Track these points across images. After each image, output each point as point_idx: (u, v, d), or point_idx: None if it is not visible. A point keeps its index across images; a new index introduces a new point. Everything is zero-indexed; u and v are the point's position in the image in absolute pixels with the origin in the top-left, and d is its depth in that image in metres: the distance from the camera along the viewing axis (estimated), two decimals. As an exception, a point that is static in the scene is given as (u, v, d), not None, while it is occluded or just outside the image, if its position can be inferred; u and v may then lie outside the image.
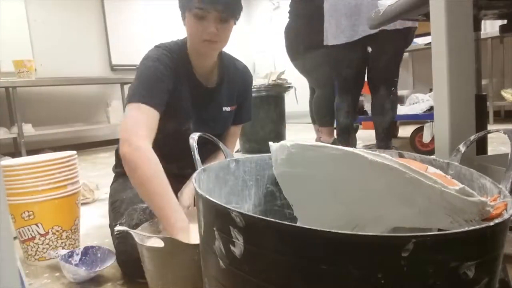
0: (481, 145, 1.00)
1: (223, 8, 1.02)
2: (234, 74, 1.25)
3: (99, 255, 1.09)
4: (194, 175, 0.60)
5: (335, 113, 2.22)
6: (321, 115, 2.76)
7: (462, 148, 0.68)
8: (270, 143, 0.74)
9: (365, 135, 3.48)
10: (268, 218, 0.41)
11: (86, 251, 1.09)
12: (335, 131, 3.03)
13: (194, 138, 0.70)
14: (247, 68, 1.31)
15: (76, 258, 1.08)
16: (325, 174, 0.61)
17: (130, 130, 0.97)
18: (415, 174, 0.50)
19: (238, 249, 0.44)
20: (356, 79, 2.10)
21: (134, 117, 0.99)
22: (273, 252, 0.41)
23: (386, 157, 0.53)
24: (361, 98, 2.70)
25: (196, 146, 0.69)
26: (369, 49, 2.01)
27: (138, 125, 0.98)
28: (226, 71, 1.22)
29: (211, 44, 1.07)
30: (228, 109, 1.24)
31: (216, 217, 0.48)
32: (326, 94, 2.71)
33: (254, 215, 0.43)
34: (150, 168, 0.91)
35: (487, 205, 0.44)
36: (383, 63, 1.97)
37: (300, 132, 3.90)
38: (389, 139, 2.11)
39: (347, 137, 2.21)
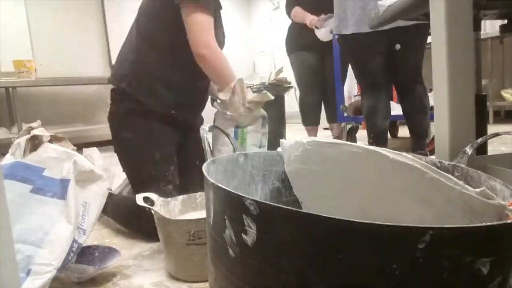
0: (481, 145, 1.00)
1: None
2: None
3: (97, 254, 1.09)
4: (204, 165, 0.60)
5: (369, 116, 1.91)
6: (307, 113, 2.77)
7: (468, 150, 0.68)
8: (282, 140, 0.75)
9: (365, 135, 3.48)
10: (284, 206, 0.41)
11: (82, 251, 1.06)
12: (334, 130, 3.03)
13: (205, 129, 0.71)
14: None
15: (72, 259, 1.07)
16: (342, 172, 0.61)
17: (209, 41, 1.17)
18: (436, 175, 0.50)
19: (250, 237, 0.44)
20: (386, 74, 1.86)
21: (206, 27, 1.17)
22: (287, 240, 0.41)
23: (407, 157, 0.53)
24: (359, 98, 2.71)
25: (207, 137, 0.69)
26: (397, 46, 1.79)
27: (212, 39, 1.17)
28: None
29: None
30: None
31: (228, 206, 0.48)
32: (314, 92, 2.73)
33: (269, 202, 0.43)
34: (222, 65, 1.21)
35: (506, 209, 0.44)
36: (417, 59, 1.82)
37: (300, 132, 3.90)
38: (426, 139, 1.94)
39: (384, 145, 1.88)
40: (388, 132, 3.35)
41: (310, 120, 2.79)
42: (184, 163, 1.30)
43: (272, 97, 1.33)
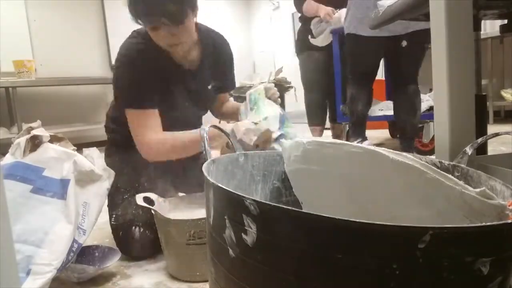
0: (481, 145, 1.00)
1: (169, 18, 1.02)
2: (215, 49, 1.28)
3: (96, 254, 1.09)
4: (204, 165, 0.60)
5: (351, 103, 2.09)
6: (311, 112, 2.78)
7: (468, 150, 0.68)
8: (282, 140, 0.75)
9: (368, 135, 3.47)
10: (284, 206, 0.41)
11: (82, 251, 1.06)
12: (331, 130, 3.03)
13: (205, 129, 0.71)
14: (224, 39, 1.34)
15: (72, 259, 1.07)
16: (342, 172, 0.61)
17: (142, 140, 1.13)
18: (436, 175, 0.50)
19: (250, 237, 0.44)
20: (376, 69, 2.07)
21: (140, 126, 1.14)
22: (287, 240, 0.41)
23: (407, 157, 0.53)
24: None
25: (207, 137, 0.69)
26: (404, 43, 1.89)
27: (145, 132, 1.13)
28: (206, 48, 1.25)
29: (177, 46, 1.11)
30: (213, 84, 1.31)
31: (228, 206, 0.48)
32: (319, 92, 2.74)
33: (269, 202, 0.43)
34: (170, 141, 1.13)
35: (506, 209, 0.44)
36: (416, 60, 1.92)
37: (300, 131, 3.90)
38: (414, 138, 2.06)
39: (362, 129, 2.10)
40: (389, 133, 3.37)
41: (314, 120, 2.79)
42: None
43: (273, 130, 1.26)
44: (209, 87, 1.30)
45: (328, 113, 2.90)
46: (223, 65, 1.33)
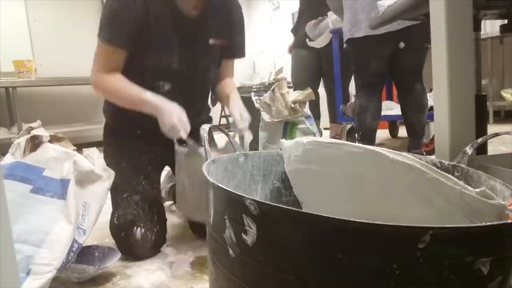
0: (481, 145, 1.00)
1: None
2: (221, 2, 1.19)
3: (96, 254, 1.09)
4: (204, 165, 0.60)
5: (360, 114, 1.96)
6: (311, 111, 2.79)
7: (468, 150, 0.68)
8: (282, 140, 0.75)
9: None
10: (284, 206, 0.41)
11: (82, 251, 1.05)
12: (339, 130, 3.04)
13: (205, 129, 0.71)
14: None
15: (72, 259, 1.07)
16: (342, 172, 0.61)
17: (94, 74, 1.16)
18: (436, 175, 0.50)
19: (250, 237, 0.44)
20: (384, 76, 1.97)
21: (100, 61, 1.16)
22: (287, 240, 0.41)
23: (407, 157, 0.53)
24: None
25: (207, 137, 0.69)
26: (401, 45, 1.83)
27: (101, 69, 1.15)
28: None
29: None
30: (216, 42, 1.19)
31: (228, 205, 0.48)
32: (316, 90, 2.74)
33: (269, 202, 0.43)
34: (108, 84, 1.14)
35: (506, 209, 0.44)
36: (419, 57, 1.88)
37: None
38: (423, 137, 2.00)
39: (371, 145, 1.99)
40: (389, 132, 3.38)
41: None
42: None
43: (314, 97, 1.31)
44: (210, 41, 1.17)
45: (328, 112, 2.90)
46: (229, 22, 1.19)
